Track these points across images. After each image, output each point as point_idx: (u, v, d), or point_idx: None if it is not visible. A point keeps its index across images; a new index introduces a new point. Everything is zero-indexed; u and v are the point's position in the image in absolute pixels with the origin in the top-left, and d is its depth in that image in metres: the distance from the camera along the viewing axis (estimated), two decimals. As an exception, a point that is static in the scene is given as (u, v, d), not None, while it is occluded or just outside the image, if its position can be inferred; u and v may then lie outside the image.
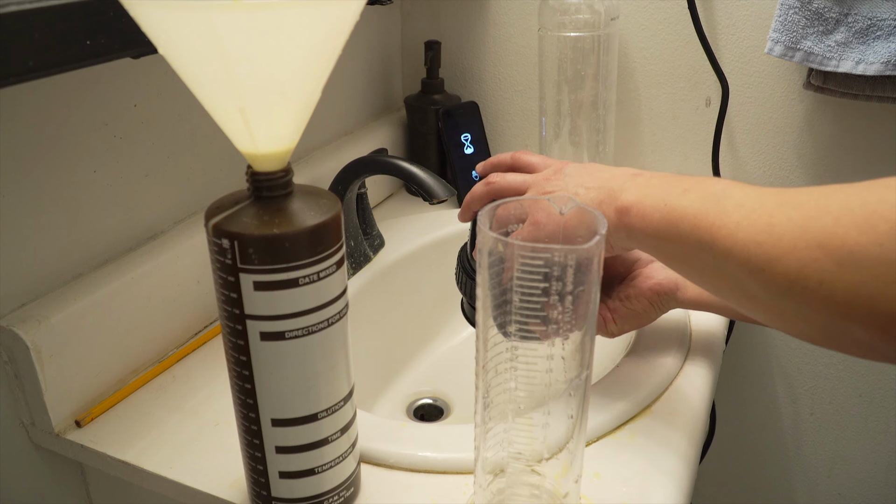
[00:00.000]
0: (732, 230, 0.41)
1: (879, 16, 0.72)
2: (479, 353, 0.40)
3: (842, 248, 0.36)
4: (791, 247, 0.38)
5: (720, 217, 0.42)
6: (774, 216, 0.39)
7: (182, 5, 0.33)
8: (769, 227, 0.39)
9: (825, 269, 0.36)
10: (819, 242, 0.37)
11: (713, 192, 0.43)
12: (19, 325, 0.52)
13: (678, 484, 0.49)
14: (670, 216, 0.45)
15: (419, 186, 0.68)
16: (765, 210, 0.40)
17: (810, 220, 0.38)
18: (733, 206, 0.42)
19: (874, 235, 0.35)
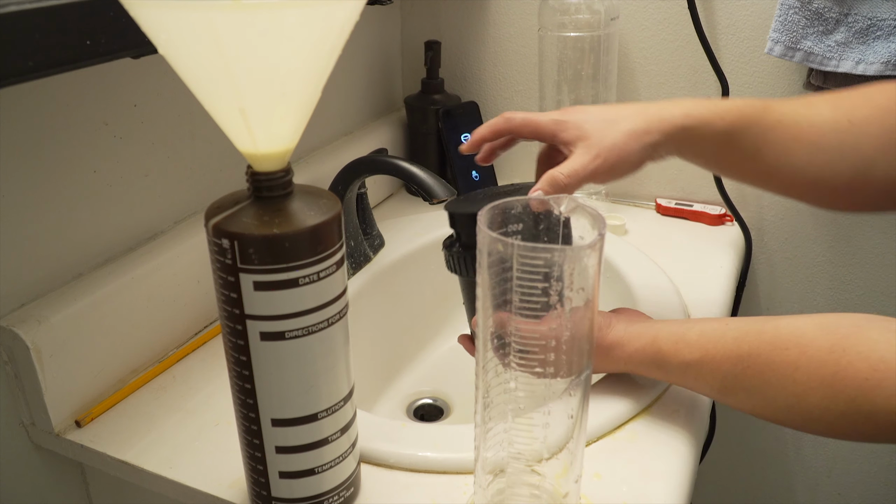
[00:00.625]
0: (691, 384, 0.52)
1: (879, 16, 0.72)
2: (479, 353, 0.40)
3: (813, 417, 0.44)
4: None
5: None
6: (809, 394, 0.44)
7: (182, 5, 0.33)
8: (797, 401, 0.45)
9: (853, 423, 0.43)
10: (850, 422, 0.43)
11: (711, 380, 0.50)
12: (19, 325, 0.52)
13: (678, 484, 0.49)
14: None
15: (419, 186, 0.68)
16: (796, 387, 0.45)
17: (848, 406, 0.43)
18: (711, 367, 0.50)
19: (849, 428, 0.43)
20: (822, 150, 0.54)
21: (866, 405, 0.41)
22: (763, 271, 0.94)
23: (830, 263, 0.90)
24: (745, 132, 0.54)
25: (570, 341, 0.38)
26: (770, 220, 0.90)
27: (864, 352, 0.41)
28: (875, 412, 0.40)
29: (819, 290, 0.92)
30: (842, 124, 0.54)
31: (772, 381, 0.45)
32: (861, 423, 0.41)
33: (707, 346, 0.49)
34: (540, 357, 0.39)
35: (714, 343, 0.49)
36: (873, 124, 0.53)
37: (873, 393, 0.40)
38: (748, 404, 0.48)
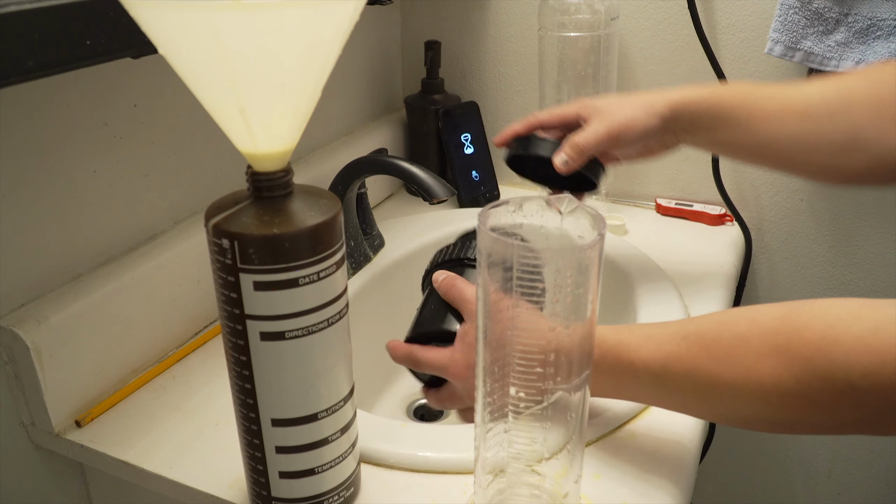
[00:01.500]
0: (681, 394, 0.46)
1: (879, 16, 0.72)
2: (479, 353, 0.40)
3: (772, 391, 0.41)
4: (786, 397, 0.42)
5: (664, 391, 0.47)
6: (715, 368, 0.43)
7: (182, 5, 0.33)
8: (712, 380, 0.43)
9: (820, 401, 0.40)
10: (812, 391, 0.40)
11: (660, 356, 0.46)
12: (19, 325, 0.52)
13: (678, 484, 0.49)
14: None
15: (419, 186, 0.68)
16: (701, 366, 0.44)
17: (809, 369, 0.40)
18: (677, 372, 0.45)
19: (809, 404, 0.40)
20: (811, 117, 0.56)
21: (823, 364, 0.38)
22: (763, 271, 0.94)
23: (830, 263, 0.90)
24: (739, 105, 0.59)
25: (570, 342, 0.38)
26: (770, 220, 0.90)
27: (819, 314, 0.39)
28: (832, 371, 0.38)
29: (819, 290, 0.92)
30: (830, 92, 0.57)
31: (718, 354, 0.42)
32: (817, 387, 0.38)
33: (650, 330, 0.47)
34: (540, 357, 0.39)
35: (658, 328, 0.47)
36: (863, 91, 0.55)
37: (829, 349, 0.38)
38: (690, 394, 0.44)
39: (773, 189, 0.88)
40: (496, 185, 0.97)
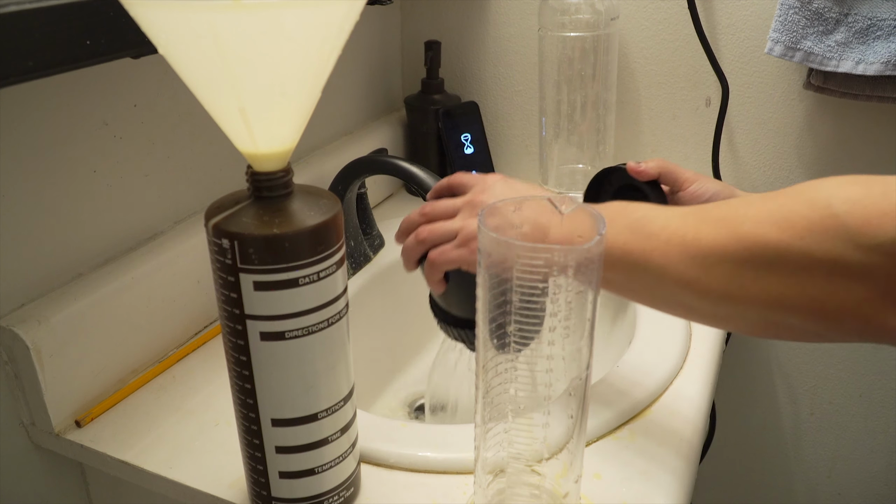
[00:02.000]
0: (664, 249, 0.43)
1: (879, 16, 0.72)
2: (479, 353, 0.40)
3: (767, 249, 0.39)
4: (721, 256, 0.41)
5: (650, 239, 0.44)
6: (700, 231, 0.42)
7: (182, 5, 0.33)
8: (696, 242, 0.42)
9: (756, 268, 0.40)
10: (745, 247, 0.40)
11: (635, 218, 0.46)
12: (19, 325, 0.52)
13: (678, 484, 0.49)
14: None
15: (419, 186, 0.68)
16: (689, 227, 0.43)
17: (733, 228, 0.41)
18: (659, 228, 0.44)
19: (794, 232, 0.38)
20: None
21: (809, 190, 0.39)
22: (763, 271, 0.94)
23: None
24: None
25: (570, 342, 0.38)
26: (770, 220, 0.90)
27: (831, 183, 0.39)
28: (816, 196, 0.38)
29: (819, 290, 0.92)
30: None
31: (713, 213, 0.43)
32: (799, 211, 0.38)
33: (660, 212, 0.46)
34: (540, 355, 0.39)
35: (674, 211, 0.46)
36: None
37: (816, 184, 0.39)
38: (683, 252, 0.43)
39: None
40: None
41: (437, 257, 0.55)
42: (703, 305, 0.43)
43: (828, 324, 0.39)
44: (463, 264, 0.53)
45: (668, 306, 0.47)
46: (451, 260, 0.54)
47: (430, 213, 0.57)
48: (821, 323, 0.39)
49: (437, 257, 0.55)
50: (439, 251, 0.55)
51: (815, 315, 0.39)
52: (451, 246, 0.54)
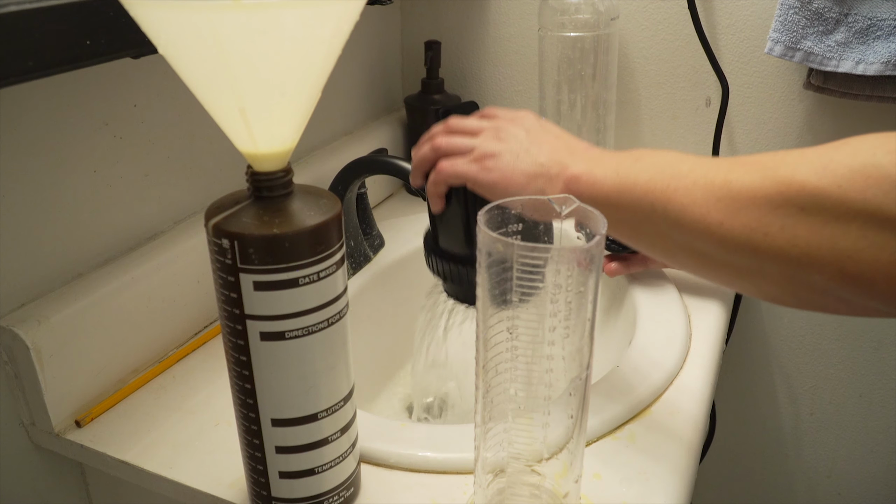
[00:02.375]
0: (689, 189, 0.41)
1: (879, 16, 0.72)
2: (479, 353, 0.40)
3: (802, 193, 0.37)
4: (750, 198, 0.39)
5: (675, 179, 0.42)
6: (732, 173, 0.40)
7: (182, 5, 0.33)
8: (726, 184, 0.40)
9: (787, 215, 0.38)
10: (779, 190, 0.38)
11: (666, 159, 0.44)
12: (19, 325, 0.52)
13: (678, 484, 0.49)
14: (622, 183, 0.45)
15: (419, 186, 0.68)
16: (721, 169, 0.41)
17: (768, 171, 0.39)
18: (687, 170, 0.42)
19: (833, 179, 0.36)
20: None
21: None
22: (763, 271, 0.94)
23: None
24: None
25: (570, 341, 0.38)
26: (770, 220, 0.90)
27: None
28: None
29: (819, 290, 0.92)
30: None
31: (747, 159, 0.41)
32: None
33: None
34: (540, 355, 0.39)
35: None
36: None
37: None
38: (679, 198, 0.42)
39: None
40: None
41: (447, 167, 0.53)
42: (722, 254, 0.41)
43: (855, 285, 0.37)
44: (470, 181, 0.51)
45: (681, 254, 0.44)
46: (459, 173, 0.52)
47: (452, 126, 0.55)
48: (847, 283, 0.37)
49: (445, 167, 0.53)
50: (450, 161, 0.53)
51: (842, 273, 0.36)
52: (463, 159, 0.52)
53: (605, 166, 0.47)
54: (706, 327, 0.67)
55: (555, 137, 0.52)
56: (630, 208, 0.44)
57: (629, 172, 0.45)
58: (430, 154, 0.55)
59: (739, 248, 0.40)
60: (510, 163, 0.51)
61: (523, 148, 0.51)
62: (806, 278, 0.38)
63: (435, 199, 0.55)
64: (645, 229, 0.45)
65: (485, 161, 0.51)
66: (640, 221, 0.44)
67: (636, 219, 0.44)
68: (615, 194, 0.45)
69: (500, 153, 0.51)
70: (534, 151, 0.51)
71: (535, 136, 0.52)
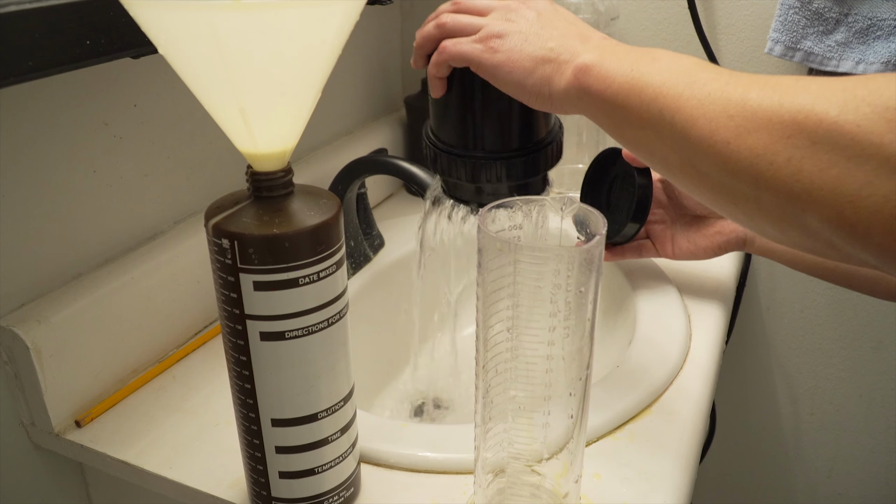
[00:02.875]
0: (702, 100, 0.39)
1: (879, 16, 0.72)
2: (479, 353, 0.40)
3: (819, 126, 0.35)
4: (765, 120, 0.37)
5: (690, 87, 0.40)
6: (750, 91, 0.38)
7: (182, 5, 0.33)
8: (743, 101, 0.38)
9: (797, 146, 0.35)
10: (794, 118, 0.36)
11: (684, 64, 0.41)
12: (19, 325, 0.52)
13: (678, 484, 0.49)
14: (635, 82, 0.42)
15: (419, 186, 0.68)
16: (740, 84, 0.39)
17: (788, 96, 0.36)
18: (706, 79, 0.40)
19: (854, 116, 0.34)
20: None
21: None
22: (763, 271, 0.94)
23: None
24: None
25: (570, 341, 0.38)
26: (770, 220, 0.90)
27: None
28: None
29: (819, 289, 0.92)
30: None
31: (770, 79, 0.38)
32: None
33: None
34: (540, 355, 0.39)
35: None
36: None
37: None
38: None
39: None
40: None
41: (450, 46, 0.50)
42: (722, 176, 0.39)
43: (850, 233, 0.34)
44: (474, 62, 0.48)
45: (679, 169, 0.42)
46: (462, 52, 0.49)
47: (461, 4, 0.53)
48: (842, 230, 0.35)
49: (449, 46, 0.50)
50: (454, 41, 0.50)
51: (840, 218, 0.34)
52: (468, 39, 0.49)
53: (620, 60, 0.44)
54: (706, 327, 0.67)
55: (568, 23, 0.49)
56: (638, 110, 0.41)
57: (644, 71, 0.42)
58: (434, 32, 0.52)
59: (741, 173, 0.37)
60: (517, 45, 0.48)
61: (533, 30, 0.48)
62: (801, 217, 0.36)
63: (435, 81, 0.52)
64: (648, 136, 0.42)
65: (490, 41, 0.48)
66: (645, 126, 0.42)
67: (642, 123, 0.42)
68: (625, 92, 0.42)
69: (508, 33, 0.48)
70: (544, 35, 0.48)
71: (547, 18, 0.49)
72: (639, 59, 0.43)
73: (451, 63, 0.50)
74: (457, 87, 0.52)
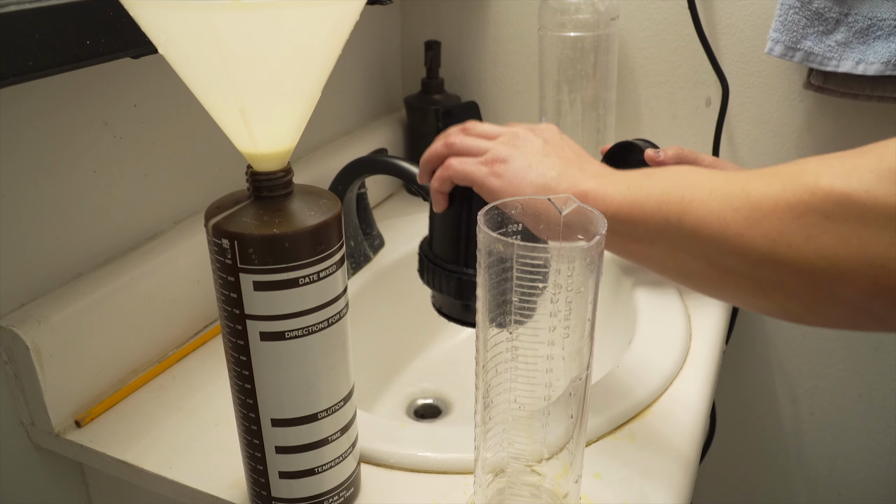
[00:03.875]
0: (705, 200, 0.40)
1: (879, 16, 0.72)
2: (479, 353, 0.40)
3: (827, 199, 0.35)
4: (772, 206, 0.37)
5: (689, 190, 0.41)
6: (749, 183, 0.39)
7: (182, 5, 0.33)
8: (744, 194, 0.38)
9: (811, 224, 0.35)
10: (801, 198, 0.36)
11: (678, 172, 0.43)
12: (19, 325, 0.52)
13: (678, 484, 0.49)
14: (634, 197, 0.43)
15: (419, 186, 0.68)
16: (737, 182, 0.39)
17: (789, 181, 0.37)
18: (702, 181, 0.41)
19: (860, 183, 0.34)
20: None
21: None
22: (763, 271, 0.94)
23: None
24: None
25: (570, 341, 0.38)
26: (770, 220, 0.90)
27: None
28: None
29: (819, 290, 0.92)
30: None
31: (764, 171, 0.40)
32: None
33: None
34: (540, 355, 0.39)
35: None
36: None
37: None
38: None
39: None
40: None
41: (455, 164, 0.52)
42: (742, 267, 0.38)
43: (889, 298, 0.34)
44: (477, 183, 0.50)
45: (698, 271, 0.42)
46: (466, 171, 0.50)
47: (470, 128, 0.54)
48: (880, 296, 0.34)
49: (454, 163, 0.52)
50: (460, 160, 0.52)
51: (875, 285, 0.34)
52: (473, 160, 0.51)
53: (616, 182, 0.45)
54: (706, 327, 0.67)
55: (571, 153, 0.51)
56: (643, 223, 0.42)
57: (641, 186, 0.43)
58: (441, 150, 0.54)
59: (762, 261, 0.37)
60: (520, 171, 0.49)
61: (536, 159, 0.50)
62: (835, 292, 0.36)
63: (437, 196, 0.54)
64: (658, 245, 0.43)
65: (495, 165, 0.50)
66: (652, 237, 0.42)
67: (649, 234, 0.42)
68: (626, 209, 0.44)
69: (512, 159, 0.50)
70: (546, 163, 0.49)
71: (550, 148, 0.51)
72: (633, 177, 0.45)
73: (454, 180, 0.52)
74: (457, 204, 0.53)
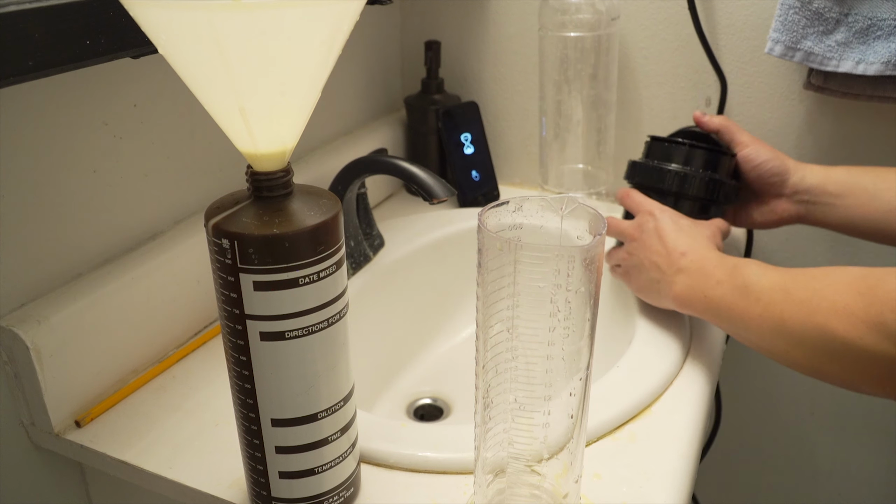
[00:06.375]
0: (758, 323, 0.53)
1: (879, 16, 0.72)
2: (479, 353, 0.40)
3: (835, 342, 0.47)
4: (799, 340, 0.50)
5: (749, 307, 0.53)
6: (785, 312, 0.51)
7: (182, 5, 0.33)
8: (782, 322, 0.51)
9: (830, 357, 0.48)
10: (817, 336, 0.48)
11: (739, 284, 0.55)
12: (19, 325, 0.52)
13: (678, 484, 0.49)
14: (709, 306, 0.57)
15: (419, 186, 0.68)
16: (779, 303, 0.51)
17: (810, 316, 0.49)
18: (759, 291, 0.53)
19: (857, 331, 0.45)
20: None
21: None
22: (763, 271, 0.94)
23: (830, 264, 0.90)
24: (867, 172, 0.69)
25: (570, 341, 0.38)
26: (770, 220, 0.90)
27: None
28: None
29: (819, 290, 0.92)
30: None
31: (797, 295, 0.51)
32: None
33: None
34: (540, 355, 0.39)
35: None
36: None
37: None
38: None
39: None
40: (496, 185, 0.97)
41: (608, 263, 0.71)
42: (790, 364, 0.52)
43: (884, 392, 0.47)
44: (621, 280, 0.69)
45: (769, 353, 0.54)
46: (613, 272, 0.71)
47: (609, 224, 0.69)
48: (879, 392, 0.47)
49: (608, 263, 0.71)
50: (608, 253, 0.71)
51: (886, 392, 0.46)
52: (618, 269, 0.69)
53: (696, 289, 0.59)
54: (706, 327, 0.67)
55: (661, 243, 0.63)
56: (719, 322, 0.58)
57: (713, 296, 0.57)
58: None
59: (806, 372, 0.51)
60: (635, 277, 0.67)
61: (644, 255, 0.65)
62: (863, 391, 0.49)
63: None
64: (733, 332, 0.57)
65: (625, 275, 0.68)
66: (727, 327, 0.57)
67: (725, 329, 0.58)
68: (706, 313, 0.59)
69: (629, 272, 0.67)
70: (646, 267, 0.64)
71: (650, 244, 0.64)
72: (707, 284, 0.58)
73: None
74: None
